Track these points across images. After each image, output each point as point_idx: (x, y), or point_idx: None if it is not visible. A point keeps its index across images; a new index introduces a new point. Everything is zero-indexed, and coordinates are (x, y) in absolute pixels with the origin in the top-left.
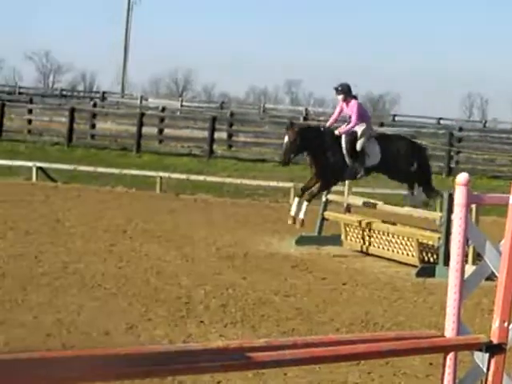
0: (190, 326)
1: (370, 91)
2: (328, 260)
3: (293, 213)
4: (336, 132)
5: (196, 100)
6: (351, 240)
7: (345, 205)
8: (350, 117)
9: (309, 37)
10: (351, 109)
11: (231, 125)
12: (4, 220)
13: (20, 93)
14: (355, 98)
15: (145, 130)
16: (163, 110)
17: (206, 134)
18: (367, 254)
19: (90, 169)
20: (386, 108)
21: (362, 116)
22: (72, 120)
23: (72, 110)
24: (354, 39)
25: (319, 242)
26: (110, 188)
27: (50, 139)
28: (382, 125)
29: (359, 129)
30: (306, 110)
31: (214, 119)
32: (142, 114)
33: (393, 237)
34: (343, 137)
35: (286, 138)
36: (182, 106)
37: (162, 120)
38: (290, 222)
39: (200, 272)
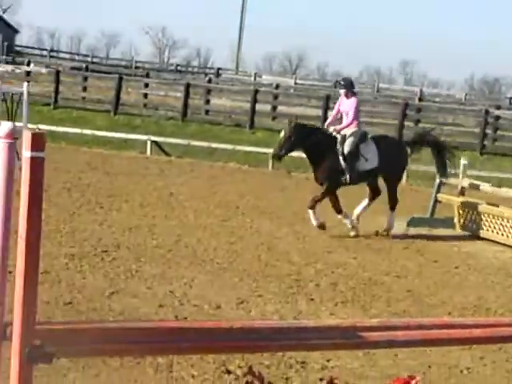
0: (300, 303)
1: (486, 74)
2: (440, 242)
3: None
4: (331, 129)
5: (309, 78)
6: (464, 223)
7: (459, 187)
8: (347, 113)
9: (424, 18)
10: (350, 104)
11: None
12: (119, 192)
13: (136, 67)
14: (355, 94)
15: (258, 106)
16: (277, 87)
17: (319, 112)
18: (480, 237)
19: (204, 144)
20: (503, 91)
21: (358, 116)
22: (187, 95)
23: (187, 86)
24: (474, 21)
25: (431, 224)
26: (222, 164)
27: (165, 114)
28: (498, 108)
29: (349, 131)
30: (421, 90)
31: (327, 97)
32: (256, 91)
33: (507, 221)
34: (338, 138)
35: (282, 133)
36: (295, 83)
37: (275, 97)
38: (315, 224)
39: (311, 250)
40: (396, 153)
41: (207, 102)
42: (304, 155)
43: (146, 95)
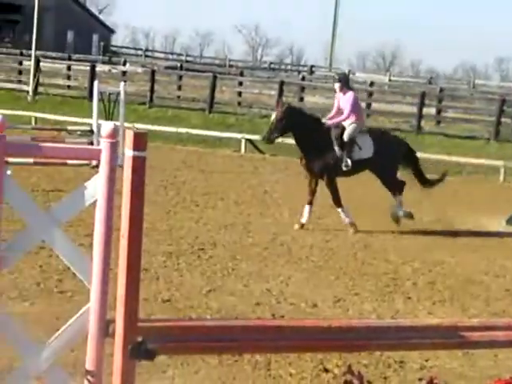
0: (397, 301)
1: None
2: None
3: (304, 220)
4: (324, 120)
5: (403, 75)
6: None
7: None
8: (343, 109)
9: None
10: (347, 100)
11: (440, 100)
12: (214, 190)
13: (230, 66)
14: (352, 89)
15: None
16: (371, 84)
17: (414, 109)
18: None
19: None
20: None
21: (356, 110)
22: (281, 93)
23: (281, 83)
24: None
25: None
26: None
27: (259, 111)
28: None
29: (347, 123)
30: None
31: (423, 94)
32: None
33: None
34: (332, 128)
35: (273, 116)
36: (389, 80)
37: (370, 94)
38: (296, 227)
39: (407, 248)
40: (392, 146)
41: (301, 99)
42: None
43: (240, 93)
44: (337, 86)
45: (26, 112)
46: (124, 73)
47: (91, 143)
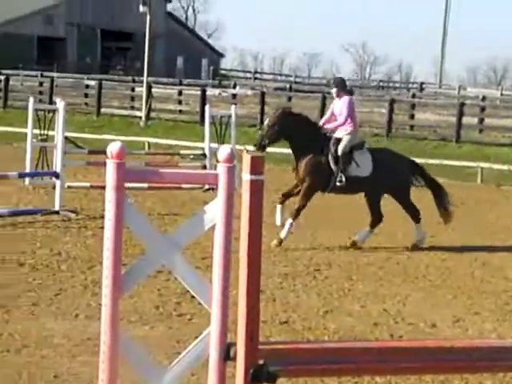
0: None
1: None
2: None
3: (278, 222)
4: (320, 124)
5: None
6: None
7: None
8: (340, 114)
9: None
10: (343, 104)
11: None
12: (329, 211)
13: None
14: (350, 93)
15: (464, 119)
16: (483, 99)
17: None
18: None
19: None
20: None
21: (352, 115)
22: (391, 111)
23: (391, 101)
24: None
25: None
26: None
27: (370, 130)
28: None
29: (344, 133)
30: None
31: None
32: (462, 104)
33: None
34: (332, 137)
35: (266, 122)
36: (501, 94)
37: (482, 109)
38: (274, 242)
39: None
40: (394, 166)
41: (411, 116)
42: None
43: None
44: (333, 91)
45: (139, 137)
46: (234, 96)
47: (204, 167)
